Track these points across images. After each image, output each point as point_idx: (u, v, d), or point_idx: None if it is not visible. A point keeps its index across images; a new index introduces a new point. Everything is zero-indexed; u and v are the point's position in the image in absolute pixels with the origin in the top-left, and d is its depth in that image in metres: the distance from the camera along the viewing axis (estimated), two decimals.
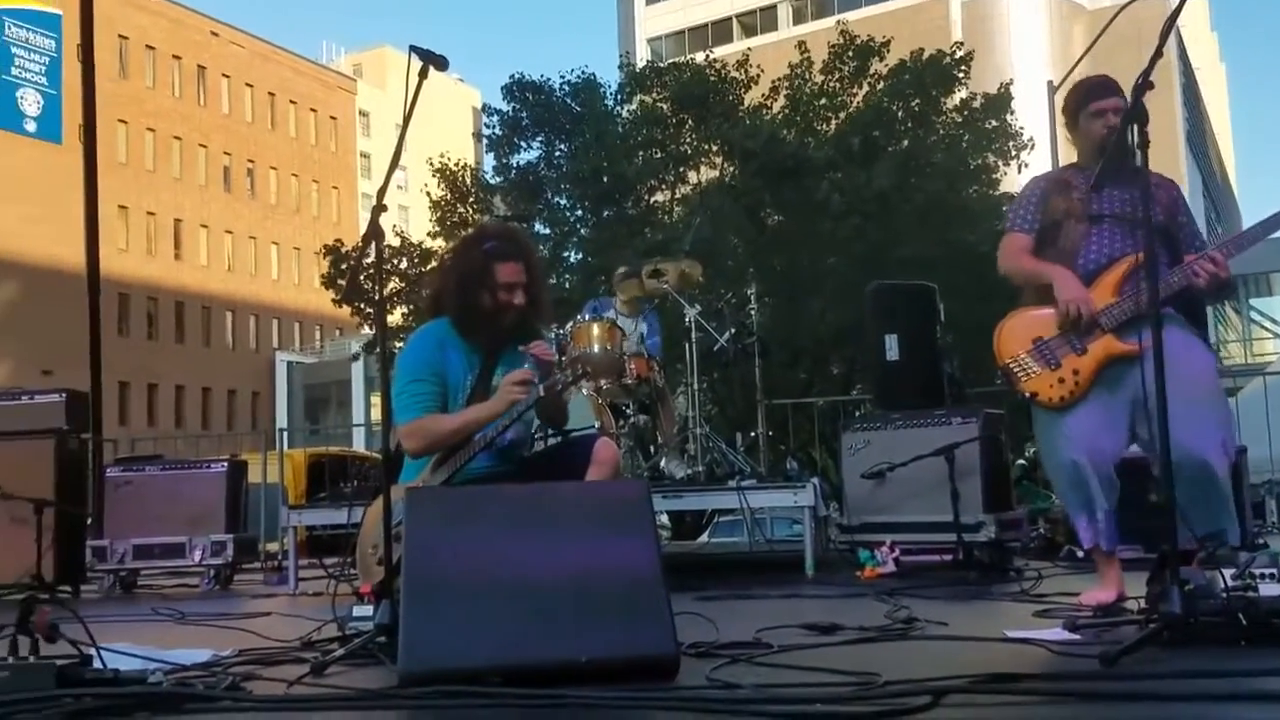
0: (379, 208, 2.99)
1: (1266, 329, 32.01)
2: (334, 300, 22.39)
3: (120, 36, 36.41)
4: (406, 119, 2.99)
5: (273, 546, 8.17)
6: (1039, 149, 18.92)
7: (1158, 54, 2.55)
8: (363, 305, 21.58)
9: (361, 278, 20.91)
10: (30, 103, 35.56)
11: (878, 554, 4.79)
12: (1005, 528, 4.82)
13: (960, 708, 1.81)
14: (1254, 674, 2.02)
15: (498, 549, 2.25)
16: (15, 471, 5.79)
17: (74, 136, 33.78)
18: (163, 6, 40.23)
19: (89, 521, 6.26)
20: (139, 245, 38.18)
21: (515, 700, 1.91)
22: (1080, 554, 4.60)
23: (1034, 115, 17.96)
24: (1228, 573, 2.40)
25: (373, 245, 3.03)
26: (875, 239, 15.98)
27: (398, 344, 20.42)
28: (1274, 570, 2.40)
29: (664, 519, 11.14)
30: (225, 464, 6.41)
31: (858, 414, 7.67)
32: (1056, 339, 3.18)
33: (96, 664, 2.17)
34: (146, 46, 39.46)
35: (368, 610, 2.96)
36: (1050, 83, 15.98)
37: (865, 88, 18.22)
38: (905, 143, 17.80)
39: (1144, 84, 2.58)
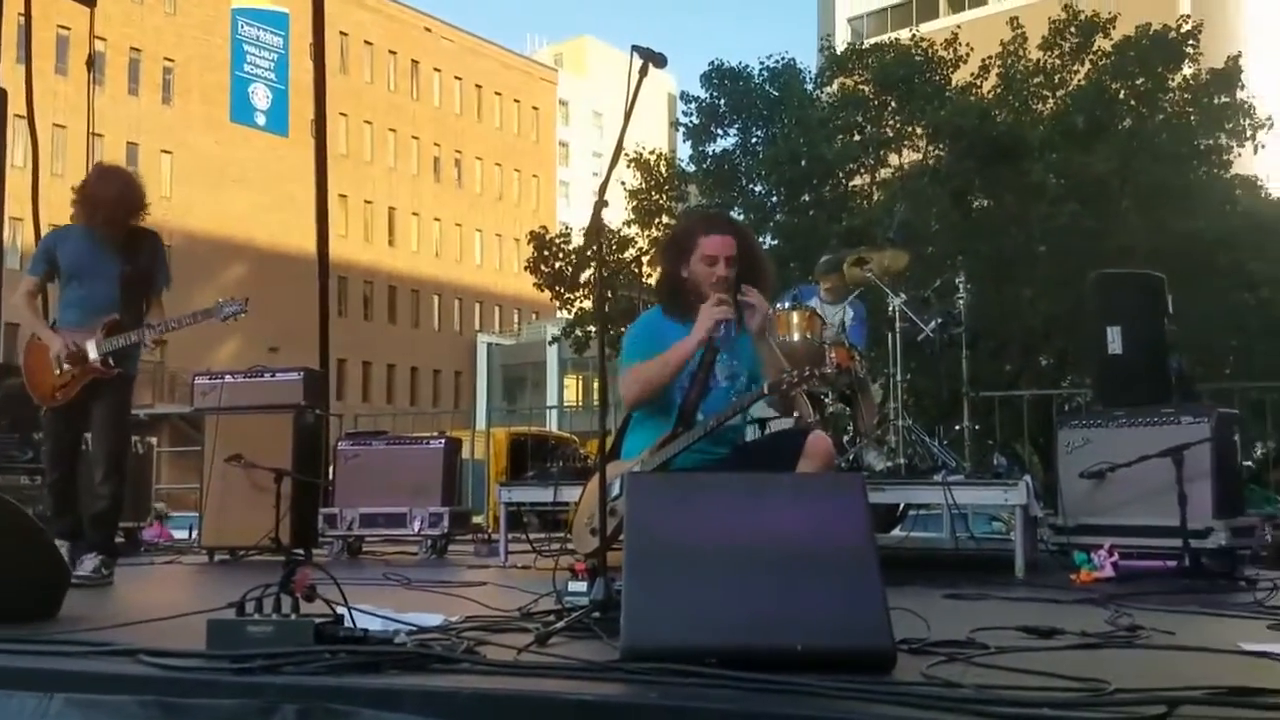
0: (600, 203, 3.10)
1: None
2: (536, 284, 23.19)
3: (341, 33, 38.60)
4: (627, 116, 3.08)
5: (476, 519, 8.58)
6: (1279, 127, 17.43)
7: None
8: (563, 290, 22.28)
9: (563, 265, 21.61)
10: (260, 97, 38.14)
11: (1095, 557, 4.58)
12: (1238, 534, 4.53)
13: None
14: None
15: (715, 535, 2.29)
16: (258, 443, 6.27)
17: (299, 130, 36.21)
18: (381, 4, 42.49)
19: (322, 490, 6.76)
20: (357, 232, 40.60)
21: (736, 682, 1.95)
22: None
23: (1272, 90, 16.55)
24: None
25: (569, 236, 3.16)
26: (1091, 226, 15.18)
27: (591, 328, 21.05)
28: None
29: None
30: (443, 440, 6.82)
31: (1069, 408, 7.32)
32: None
33: (347, 623, 2.34)
34: (365, 42, 41.77)
35: (581, 586, 3.10)
36: None
37: (1087, 65, 17.27)
38: (1127, 122, 16.79)
39: None
